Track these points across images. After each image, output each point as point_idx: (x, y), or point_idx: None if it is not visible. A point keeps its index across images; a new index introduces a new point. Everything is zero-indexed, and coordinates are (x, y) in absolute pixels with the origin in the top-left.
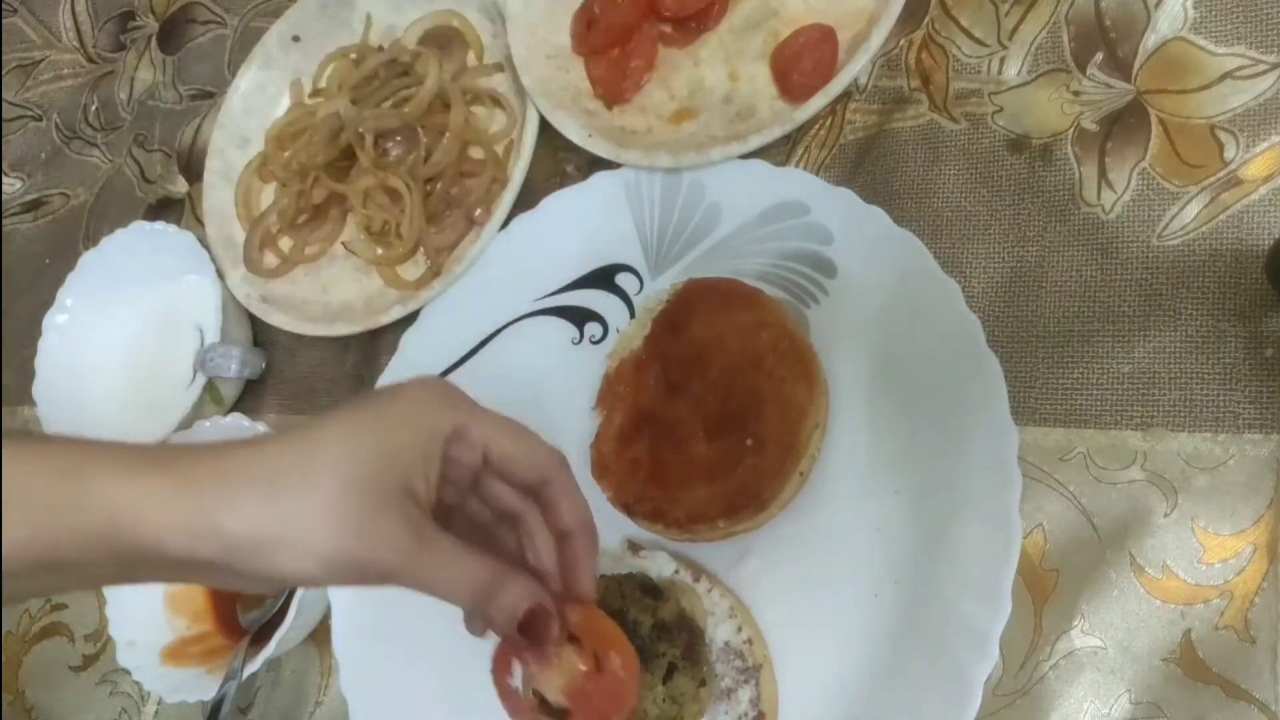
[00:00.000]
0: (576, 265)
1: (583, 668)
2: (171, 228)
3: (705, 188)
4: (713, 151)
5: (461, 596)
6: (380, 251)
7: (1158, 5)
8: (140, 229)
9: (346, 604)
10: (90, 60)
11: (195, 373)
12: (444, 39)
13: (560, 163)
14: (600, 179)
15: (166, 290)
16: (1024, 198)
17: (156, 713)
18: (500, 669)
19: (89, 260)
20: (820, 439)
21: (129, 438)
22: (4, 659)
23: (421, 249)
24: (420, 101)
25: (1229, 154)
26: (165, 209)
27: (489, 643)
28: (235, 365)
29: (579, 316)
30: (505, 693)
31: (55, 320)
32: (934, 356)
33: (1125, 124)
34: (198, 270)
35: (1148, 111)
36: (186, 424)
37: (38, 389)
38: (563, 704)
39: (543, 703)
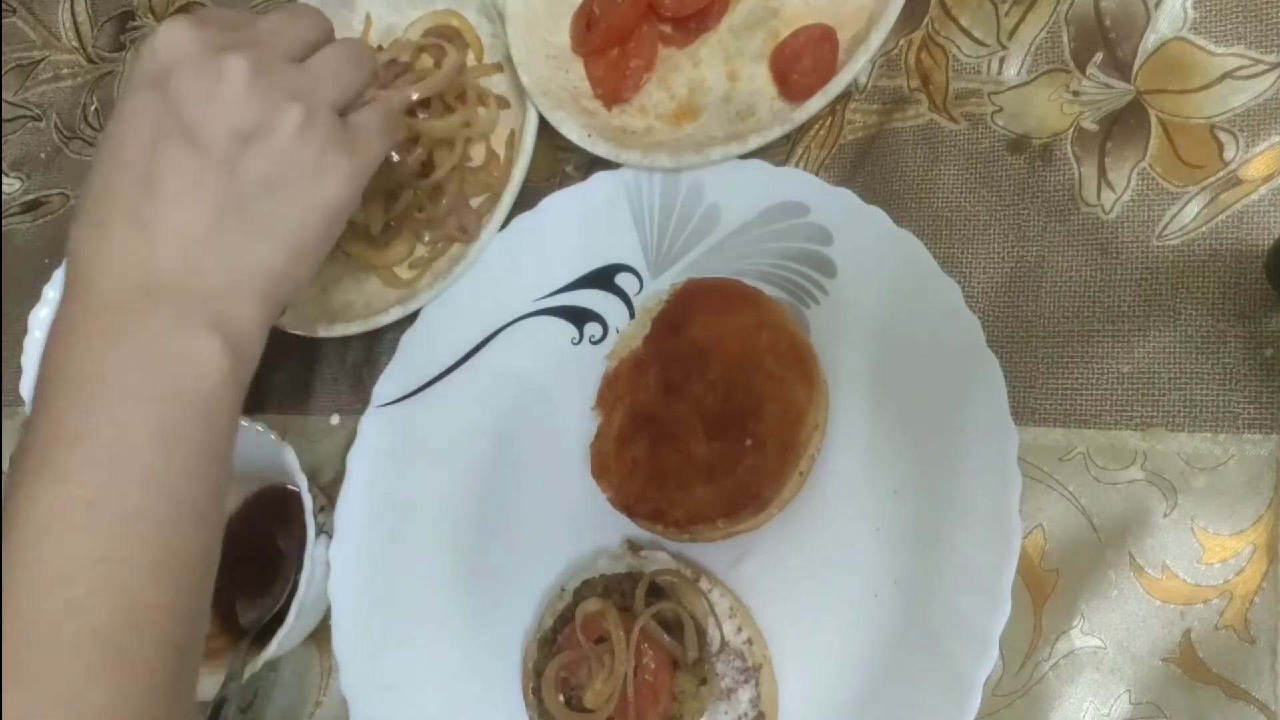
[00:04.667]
0: (576, 265)
1: (625, 670)
2: None
3: (705, 188)
4: (712, 151)
5: None
6: (375, 253)
7: (1157, 5)
8: None
9: (347, 604)
10: (90, 60)
11: None
12: (443, 39)
13: (560, 163)
14: (600, 179)
15: None
16: (1024, 198)
17: None
18: (551, 690)
19: None
20: (820, 439)
21: None
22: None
23: (418, 250)
24: (436, 82)
25: (1229, 154)
26: None
27: (489, 644)
28: None
29: (579, 316)
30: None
31: (39, 315)
32: (934, 357)
33: (1125, 124)
34: None
35: (1147, 111)
36: None
37: (25, 387)
38: (608, 710)
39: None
